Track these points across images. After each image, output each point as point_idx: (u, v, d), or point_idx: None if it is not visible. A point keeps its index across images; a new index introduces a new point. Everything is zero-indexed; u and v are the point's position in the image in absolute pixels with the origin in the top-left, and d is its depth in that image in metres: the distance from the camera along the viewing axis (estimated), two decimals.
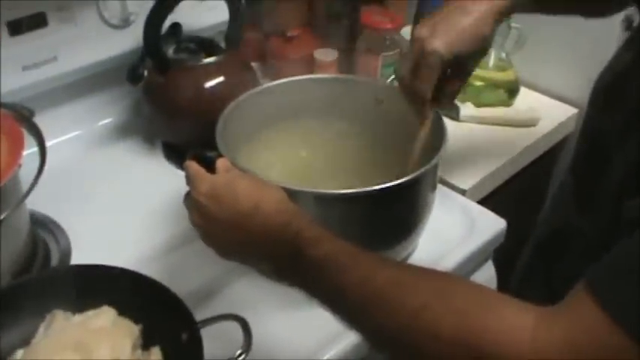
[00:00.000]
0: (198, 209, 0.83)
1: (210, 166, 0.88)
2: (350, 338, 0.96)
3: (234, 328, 0.87)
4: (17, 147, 0.95)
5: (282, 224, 0.80)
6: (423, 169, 0.97)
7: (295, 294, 1.03)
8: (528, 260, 1.09)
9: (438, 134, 1.03)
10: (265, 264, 0.83)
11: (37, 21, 1.21)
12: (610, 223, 0.80)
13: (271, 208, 0.81)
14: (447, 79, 1.02)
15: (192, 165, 0.87)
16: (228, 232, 0.82)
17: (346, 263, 0.76)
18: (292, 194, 0.93)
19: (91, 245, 1.10)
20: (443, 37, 0.97)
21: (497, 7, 0.99)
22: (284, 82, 1.17)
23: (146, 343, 0.89)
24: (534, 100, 1.63)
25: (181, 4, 1.23)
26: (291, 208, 0.82)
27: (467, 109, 1.54)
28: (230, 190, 0.82)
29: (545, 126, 1.55)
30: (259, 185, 0.84)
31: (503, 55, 1.57)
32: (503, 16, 1.01)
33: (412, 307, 0.71)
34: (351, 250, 0.78)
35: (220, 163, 0.88)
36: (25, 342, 0.88)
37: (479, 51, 1.01)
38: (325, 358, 0.95)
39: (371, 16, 1.54)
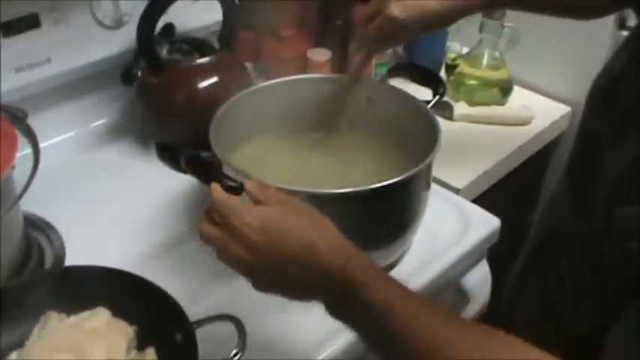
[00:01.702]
0: (244, 242, 0.78)
1: (206, 168, 0.88)
2: (344, 339, 0.96)
3: (229, 328, 0.87)
4: (11, 148, 0.95)
5: (339, 265, 0.77)
6: (417, 168, 0.97)
7: None
8: (524, 261, 1.09)
9: (432, 133, 1.03)
10: (316, 300, 0.80)
11: (30, 22, 1.21)
12: (604, 225, 0.79)
13: (329, 247, 0.78)
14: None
15: (222, 193, 0.82)
16: (280, 268, 0.78)
17: (397, 312, 0.74)
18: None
19: (85, 246, 1.09)
20: (407, 9, 1.03)
21: (466, 5, 1.05)
22: (277, 82, 1.17)
23: (141, 344, 0.89)
24: (528, 99, 1.63)
25: (174, 5, 1.23)
26: (348, 247, 0.80)
27: (460, 108, 1.54)
28: (285, 227, 0.78)
29: (539, 125, 1.55)
30: (316, 221, 0.81)
31: (497, 54, 1.57)
32: (468, 14, 1.07)
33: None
34: (402, 296, 0.76)
35: (258, 190, 0.82)
36: (20, 344, 0.88)
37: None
38: (320, 358, 0.95)
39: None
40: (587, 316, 0.83)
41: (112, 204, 1.21)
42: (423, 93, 1.14)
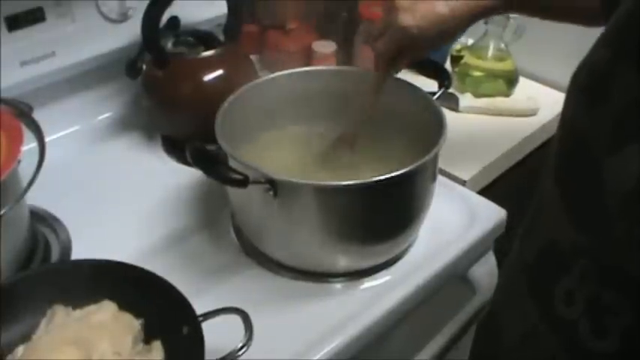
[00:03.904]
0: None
1: (212, 161, 0.88)
2: (353, 330, 0.96)
3: (236, 321, 0.86)
4: (16, 142, 0.95)
5: None
6: (423, 160, 0.97)
7: (297, 287, 1.03)
8: (513, 277, 1.02)
9: (438, 125, 1.03)
10: None
11: (35, 16, 1.21)
12: (621, 238, 0.75)
13: None
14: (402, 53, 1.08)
15: None
16: None
17: None
18: (292, 186, 0.93)
19: (91, 240, 1.09)
20: (418, 17, 1.02)
21: (478, 8, 1.04)
22: (283, 75, 1.17)
23: (147, 337, 0.89)
24: (533, 90, 1.62)
25: None
26: None
27: (466, 99, 1.53)
28: None
29: (545, 116, 1.55)
30: None
31: (502, 45, 1.56)
32: (481, 17, 1.07)
33: None
34: None
35: None
36: (26, 338, 0.87)
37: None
38: (328, 349, 0.94)
39: (369, 7, 1.54)
40: (615, 333, 0.79)
41: (118, 197, 1.21)
42: (428, 85, 1.14)
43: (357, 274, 1.05)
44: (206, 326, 0.85)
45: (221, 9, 1.34)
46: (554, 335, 0.84)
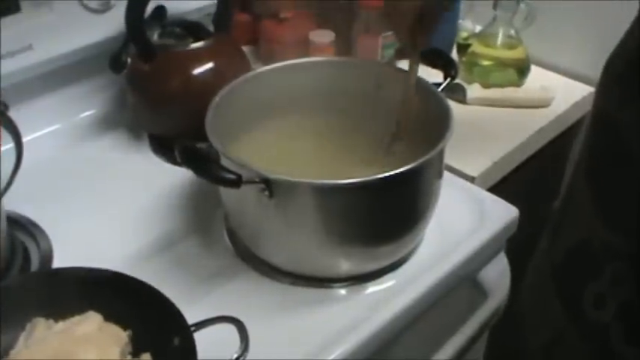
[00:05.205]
0: None
1: (203, 160, 0.88)
2: (356, 339, 0.96)
3: (230, 331, 0.86)
4: None
5: None
6: (428, 156, 0.96)
7: (296, 294, 1.03)
8: (539, 280, 1.02)
9: (444, 118, 1.03)
10: None
11: (9, 6, 1.20)
12: None
13: None
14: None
15: None
16: None
17: None
18: (289, 186, 0.93)
19: (74, 247, 1.09)
20: None
21: None
22: (278, 67, 1.17)
23: (136, 349, 0.89)
24: (546, 80, 1.62)
25: None
26: None
27: (474, 90, 1.53)
28: None
29: (559, 106, 1.55)
30: None
31: (512, 31, 1.56)
32: None
33: None
34: None
35: None
36: (3, 354, 0.87)
37: None
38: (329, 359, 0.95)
39: None
40: None
41: (103, 201, 1.21)
42: (433, 75, 1.14)
43: (360, 279, 1.05)
44: (198, 337, 0.85)
45: None
46: (583, 340, 0.84)
